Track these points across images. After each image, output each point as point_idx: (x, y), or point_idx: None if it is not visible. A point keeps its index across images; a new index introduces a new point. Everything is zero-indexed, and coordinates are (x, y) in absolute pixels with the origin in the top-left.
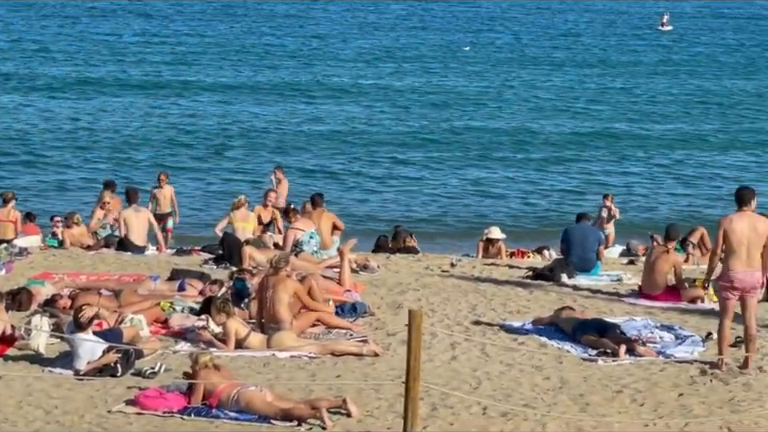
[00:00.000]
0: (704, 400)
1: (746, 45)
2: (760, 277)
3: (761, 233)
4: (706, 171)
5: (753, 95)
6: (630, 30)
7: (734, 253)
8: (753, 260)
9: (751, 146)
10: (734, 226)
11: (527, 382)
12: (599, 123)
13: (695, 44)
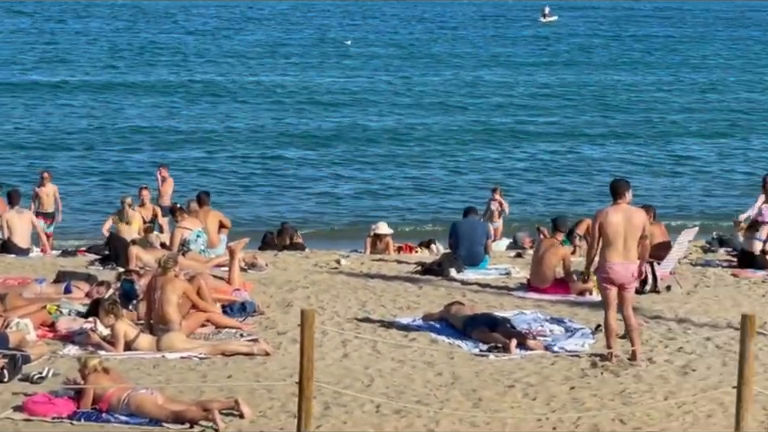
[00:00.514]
0: (596, 393)
1: (621, 36)
2: (636, 269)
3: (636, 225)
4: (585, 163)
5: (628, 87)
6: (511, 22)
7: (611, 245)
8: (629, 252)
9: (627, 137)
10: (610, 219)
11: (419, 379)
12: (478, 117)
13: (576, 35)
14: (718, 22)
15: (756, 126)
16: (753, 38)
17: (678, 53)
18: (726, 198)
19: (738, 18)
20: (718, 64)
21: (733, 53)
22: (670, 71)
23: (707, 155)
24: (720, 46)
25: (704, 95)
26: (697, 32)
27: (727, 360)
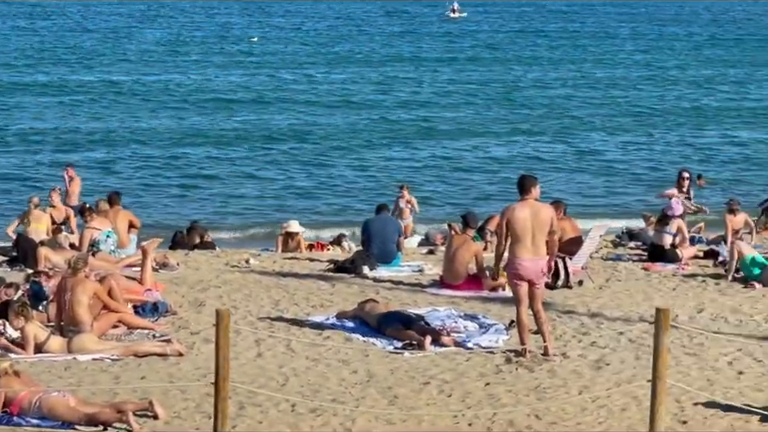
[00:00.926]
0: (511, 388)
1: (525, 32)
2: (545, 265)
3: (544, 220)
4: (492, 160)
5: (534, 83)
6: (419, 18)
7: (519, 241)
8: (538, 248)
9: (533, 134)
10: (517, 215)
11: (334, 377)
12: (383, 114)
13: (483, 31)
14: (622, 17)
15: (659, 121)
16: (656, 34)
17: (582, 49)
18: (631, 193)
19: (642, 13)
20: (622, 60)
21: (636, 48)
22: (574, 67)
23: (612, 150)
24: (624, 42)
25: (608, 91)
26: (601, 28)
27: (640, 354)
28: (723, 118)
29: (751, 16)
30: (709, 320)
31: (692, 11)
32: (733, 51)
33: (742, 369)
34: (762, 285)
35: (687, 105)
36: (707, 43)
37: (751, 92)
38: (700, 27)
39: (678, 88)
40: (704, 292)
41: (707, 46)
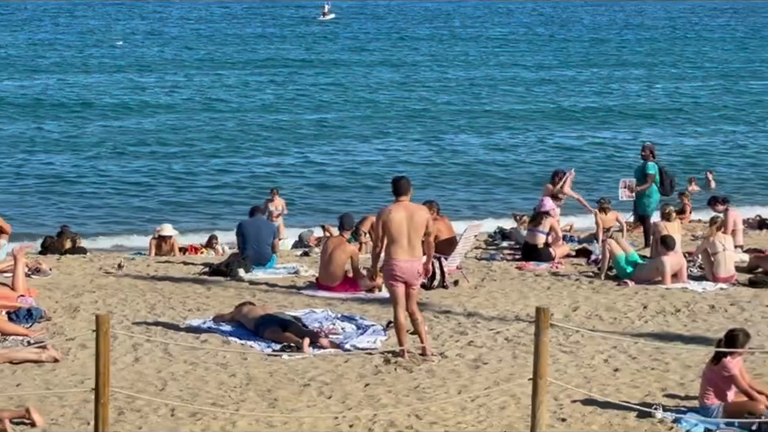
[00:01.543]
0: (390, 389)
1: (388, 34)
2: (421, 266)
3: (419, 222)
4: (358, 162)
5: (399, 84)
6: (290, 20)
7: (395, 243)
8: (414, 249)
9: (397, 136)
10: (393, 216)
11: (213, 381)
12: (247, 117)
13: (352, 34)
14: (487, 18)
15: (525, 122)
16: (522, 35)
17: (449, 50)
18: (496, 193)
19: (506, 13)
20: (485, 61)
21: (501, 50)
22: (440, 69)
23: (479, 151)
24: (488, 43)
25: (473, 92)
26: (466, 30)
27: (517, 352)
28: (587, 119)
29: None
30: (584, 318)
31: (566, 13)
32: (593, 51)
33: (618, 366)
34: (635, 282)
35: (552, 105)
36: (571, 44)
37: (614, 92)
38: (560, 28)
39: (541, 89)
40: (578, 290)
41: (572, 47)
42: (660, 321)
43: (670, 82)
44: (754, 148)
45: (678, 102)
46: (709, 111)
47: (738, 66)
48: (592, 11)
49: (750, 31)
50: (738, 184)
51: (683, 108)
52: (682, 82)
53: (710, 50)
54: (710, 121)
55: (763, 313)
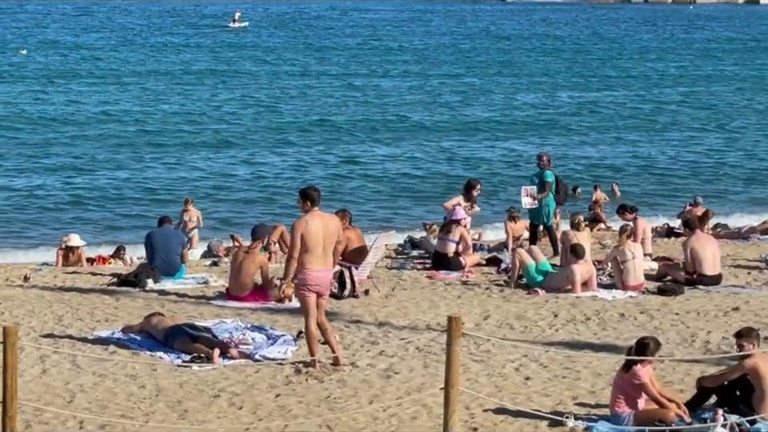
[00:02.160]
0: (301, 399)
1: (297, 43)
2: (332, 275)
3: (333, 231)
4: (263, 172)
5: (300, 93)
6: (198, 28)
7: (310, 252)
8: (327, 259)
9: (300, 145)
10: (310, 227)
11: (122, 392)
12: (145, 127)
13: (260, 42)
14: (394, 26)
15: (426, 132)
16: (427, 44)
17: (354, 60)
18: (402, 204)
19: (413, 23)
20: (391, 70)
21: (408, 58)
22: (344, 76)
23: (386, 161)
24: (390, 53)
25: (380, 100)
26: (380, 41)
27: (428, 362)
28: (490, 129)
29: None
30: (495, 327)
31: (476, 22)
32: (501, 60)
33: (529, 374)
34: (546, 291)
35: (458, 116)
36: (478, 53)
37: (517, 102)
38: (465, 38)
39: (447, 98)
40: (489, 299)
41: (474, 56)
42: (570, 329)
43: (574, 91)
44: (658, 157)
45: (580, 112)
46: (614, 120)
47: (642, 74)
48: (501, 17)
49: (654, 38)
50: (643, 193)
51: (586, 118)
52: (586, 92)
53: (615, 59)
54: (614, 130)
55: (672, 321)
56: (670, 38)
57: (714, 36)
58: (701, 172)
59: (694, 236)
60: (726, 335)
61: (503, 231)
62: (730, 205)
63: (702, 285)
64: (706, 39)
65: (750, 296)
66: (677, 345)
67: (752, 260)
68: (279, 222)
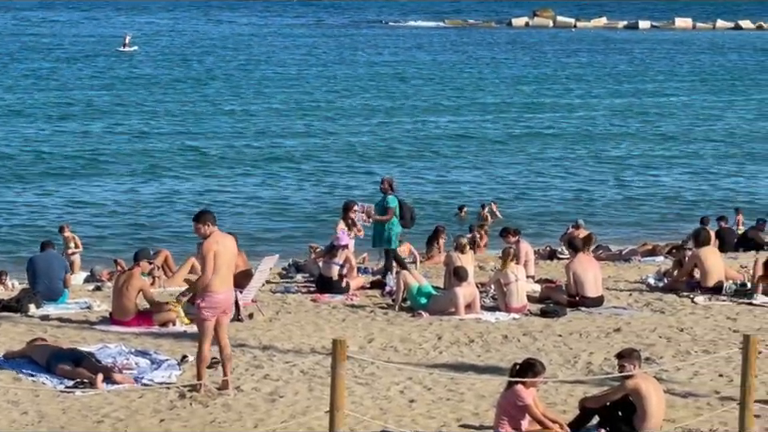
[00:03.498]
0: (185, 424)
1: (187, 65)
2: (233, 296)
3: (234, 252)
4: (164, 195)
5: (174, 117)
6: (89, 53)
7: (216, 274)
8: (230, 280)
9: (167, 169)
10: (220, 248)
11: (4, 419)
12: (11, 156)
13: (148, 68)
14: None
15: (302, 157)
16: (302, 66)
17: (240, 84)
18: (289, 227)
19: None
20: (262, 93)
21: (280, 78)
22: (240, 101)
23: (258, 187)
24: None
25: (246, 124)
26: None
27: (313, 385)
28: (368, 152)
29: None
30: (379, 349)
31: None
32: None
33: (414, 396)
34: (430, 314)
35: (336, 140)
36: (352, 78)
37: (391, 127)
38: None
39: (322, 124)
40: (373, 322)
41: (353, 81)
42: (454, 351)
43: (451, 116)
44: (534, 181)
45: (457, 136)
46: (485, 145)
47: (517, 101)
48: (380, 41)
49: (531, 63)
50: (523, 216)
51: (461, 143)
52: (458, 116)
53: (483, 81)
54: (465, 153)
55: (555, 342)
56: (548, 63)
57: (591, 60)
58: (576, 196)
59: (576, 259)
60: (608, 356)
61: None
62: (607, 228)
63: (584, 306)
64: (585, 64)
65: (631, 317)
66: (559, 366)
67: (633, 281)
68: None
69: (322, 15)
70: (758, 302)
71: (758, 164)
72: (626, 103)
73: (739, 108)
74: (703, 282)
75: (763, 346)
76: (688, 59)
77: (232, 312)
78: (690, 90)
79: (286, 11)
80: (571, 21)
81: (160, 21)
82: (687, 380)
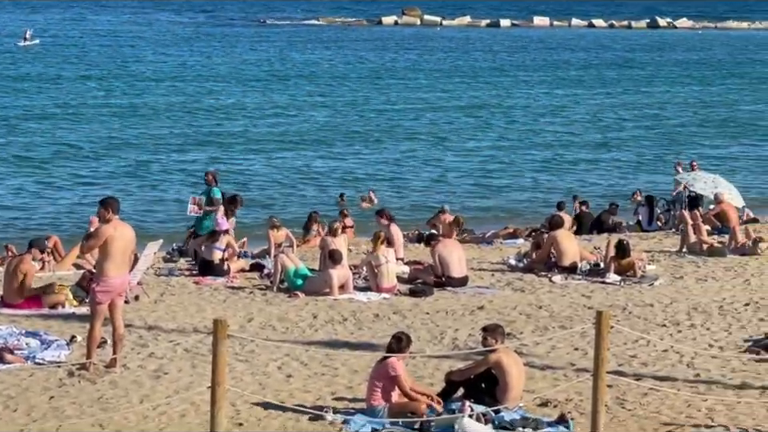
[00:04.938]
0: (74, 401)
1: (80, 62)
2: (130, 279)
3: (131, 240)
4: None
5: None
6: None
7: (111, 260)
8: (126, 265)
9: (83, 157)
10: (116, 234)
11: None
12: None
13: (45, 63)
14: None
15: (183, 146)
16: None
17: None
18: (172, 212)
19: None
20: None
21: (206, 74)
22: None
23: (137, 169)
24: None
25: (212, 113)
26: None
27: (196, 362)
28: (246, 142)
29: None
30: (258, 328)
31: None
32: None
33: (291, 372)
34: (306, 294)
35: (227, 130)
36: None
37: (270, 116)
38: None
39: (210, 115)
40: (252, 303)
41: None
42: (329, 329)
43: (325, 110)
44: (403, 170)
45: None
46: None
47: (365, 93)
48: (260, 40)
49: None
50: (394, 201)
51: (333, 135)
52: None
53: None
54: (356, 142)
55: (423, 320)
56: (416, 60)
57: (450, 57)
58: (441, 184)
59: (441, 242)
60: (473, 332)
61: (265, 239)
62: (470, 212)
63: (449, 286)
64: (447, 61)
65: (493, 296)
66: (427, 342)
67: (495, 263)
68: None
69: (198, 15)
70: (610, 281)
71: (601, 152)
72: (484, 96)
73: (589, 100)
74: (559, 263)
75: (615, 322)
76: (543, 56)
77: (125, 294)
78: (548, 85)
79: (161, 8)
80: (437, 19)
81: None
82: (545, 353)
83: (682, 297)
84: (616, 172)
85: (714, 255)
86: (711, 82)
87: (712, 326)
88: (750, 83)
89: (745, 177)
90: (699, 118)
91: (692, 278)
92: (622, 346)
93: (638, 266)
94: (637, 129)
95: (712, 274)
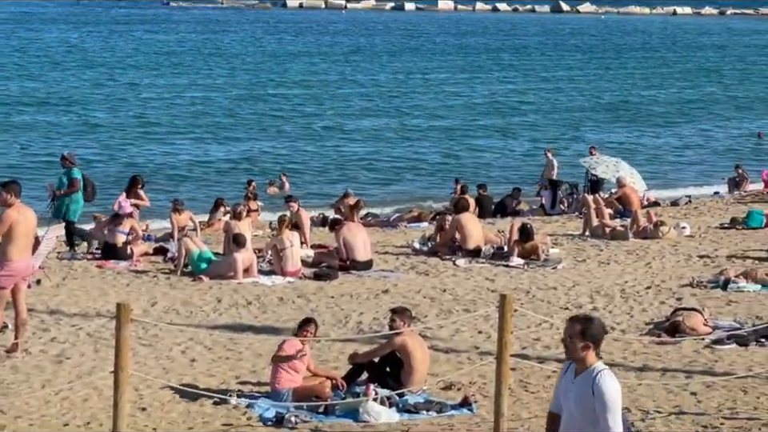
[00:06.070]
0: None
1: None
2: (33, 263)
3: (33, 224)
4: None
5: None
6: None
7: (14, 244)
8: (29, 249)
9: None
10: (19, 218)
11: None
12: None
13: None
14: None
15: (108, 132)
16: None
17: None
18: None
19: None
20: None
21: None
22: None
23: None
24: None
25: (63, 99)
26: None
27: (99, 347)
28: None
29: None
30: (162, 312)
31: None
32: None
33: (195, 356)
34: (210, 278)
35: (140, 116)
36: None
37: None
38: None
39: (132, 101)
40: (156, 286)
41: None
42: (233, 313)
43: (229, 93)
44: (318, 152)
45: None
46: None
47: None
48: (166, 21)
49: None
50: (302, 186)
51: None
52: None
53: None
54: (269, 128)
55: (327, 303)
56: (314, 43)
57: (352, 41)
58: (346, 168)
59: (345, 225)
60: (377, 316)
61: (168, 222)
62: (376, 196)
63: (354, 270)
64: (348, 45)
65: (398, 279)
66: (332, 326)
67: (400, 246)
68: None
69: None
70: (514, 264)
71: (502, 137)
72: (384, 81)
73: (491, 85)
74: (464, 246)
75: (518, 305)
76: (445, 40)
77: (29, 278)
78: (449, 69)
79: None
80: (342, 2)
81: None
82: (449, 337)
83: (584, 280)
84: (517, 155)
85: (617, 239)
86: (610, 67)
87: (614, 309)
88: (647, 69)
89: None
90: (596, 103)
91: (594, 262)
92: (525, 329)
93: (541, 249)
94: (535, 113)
95: (614, 257)
